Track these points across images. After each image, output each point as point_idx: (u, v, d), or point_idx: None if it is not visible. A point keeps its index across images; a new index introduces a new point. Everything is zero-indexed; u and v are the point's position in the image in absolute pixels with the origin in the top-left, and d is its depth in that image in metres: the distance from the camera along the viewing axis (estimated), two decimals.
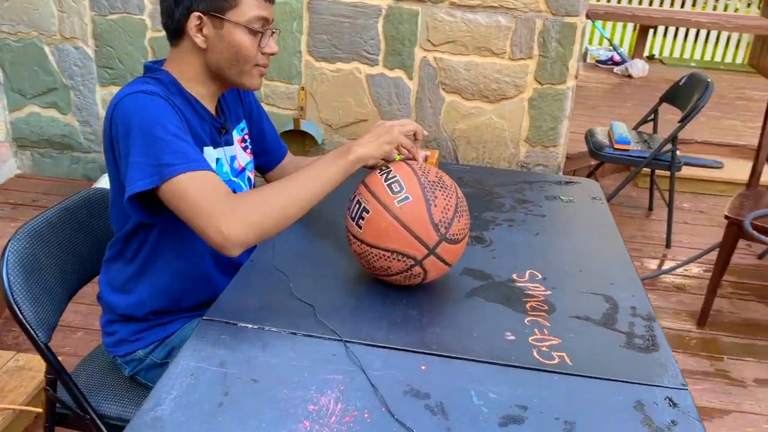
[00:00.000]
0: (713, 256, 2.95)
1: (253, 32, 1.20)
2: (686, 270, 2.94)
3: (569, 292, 1.24)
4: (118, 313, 1.32)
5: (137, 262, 1.28)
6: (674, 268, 2.92)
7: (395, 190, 1.13)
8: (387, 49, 3.05)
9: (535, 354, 1.05)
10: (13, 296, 1.21)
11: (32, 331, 1.22)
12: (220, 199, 1.08)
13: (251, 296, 1.16)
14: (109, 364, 1.43)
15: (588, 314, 1.17)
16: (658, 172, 3.43)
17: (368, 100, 3.14)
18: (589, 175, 3.69)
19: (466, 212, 1.19)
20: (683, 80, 3.21)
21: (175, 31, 1.22)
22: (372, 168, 1.21)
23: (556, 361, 1.04)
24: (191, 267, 1.29)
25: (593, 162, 3.78)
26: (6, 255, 1.23)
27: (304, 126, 3.15)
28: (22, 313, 1.21)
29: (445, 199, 1.14)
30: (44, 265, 1.30)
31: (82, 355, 2.12)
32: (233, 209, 1.07)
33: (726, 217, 2.38)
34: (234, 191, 1.34)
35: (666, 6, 7.55)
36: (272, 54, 1.25)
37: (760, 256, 3.10)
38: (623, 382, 1.00)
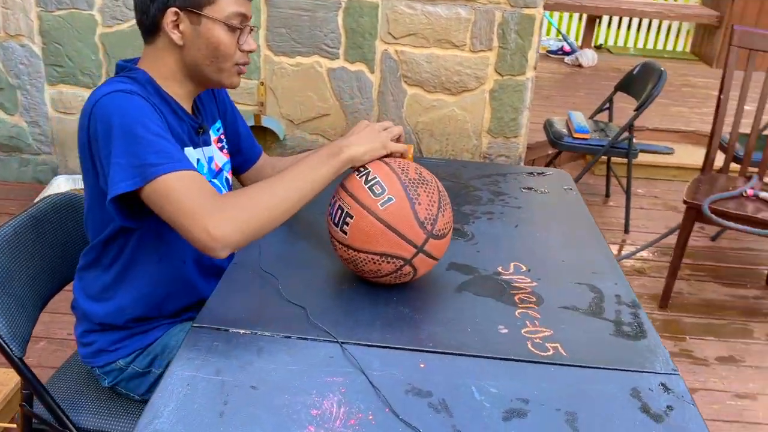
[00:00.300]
0: (668, 240, 3.05)
1: (231, 29, 1.17)
2: (644, 255, 3.03)
3: (555, 283, 1.26)
4: (96, 321, 1.27)
5: (116, 268, 1.23)
6: (640, 250, 3.00)
7: (377, 192, 1.11)
8: (347, 43, 3.03)
9: (529, 346, 1.06)
10: None
11: (5, 345, 1.17)
12: (207, 198, 1.05)
13: (240, 300, 1.14)
14: (86, 375, 1.38)
15: (575, 304, 1.19)
16: (612, 158, 3.51)
17: (330, 94, 3.11)
18: (548, 164, 3.76)
19: (449, 204, 1.18)
20: (636, 69, 3.29)
21: (151, 28, 1.18)
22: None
23: (550, 352, 1.05)
24: (173, 271, 1.25)
25: (551, 151, 3.85)
26: None
27: (265, 122, 3.10)
28: None
29: (428, 195, 1.13)
30: (14, 275, 1.24)
31: (47, 365, 2.06)
32: (221, 209, 1.04)
33: (685, 201, 2.46)
34: None
35: None
36: (250, 51, 1.22)
37: (713, 238, 3.22)
38: (617, 370, 1.02)
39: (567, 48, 6.14)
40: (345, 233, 1.13)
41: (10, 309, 1.19)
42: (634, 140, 3.17)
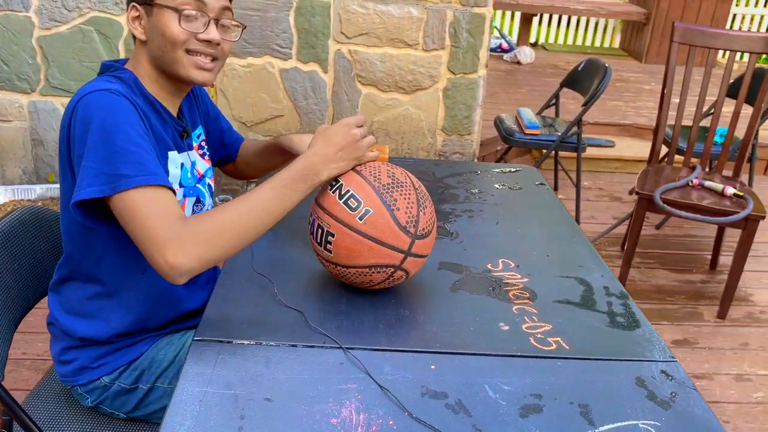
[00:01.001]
0: (615, 230, 3.16)
1: (179, 13, 1.11)
2: (596, 245, 3.14)
3: (544, 278, 1.28)
4: (77, 337, 1.21)
5: (98, 280, 1.18)
6: (596, 239, 3.10)
7: (353, 206, 1.09)
8: (300, 43, 2.99)
9: (532, 341, 1.08)
10: None
11: None
12: (171, 223, 0.99)
13: (238, 310, 1.11)
14: (63, 396, 1.31)
15: (568, 298, 1.22)
16: (559, 153, 3.62)
17: (283, 95, 3.07)
18: (498, 160, 3.83)
19: (428, 200, 1.16)
20: (581, 66, 3.39)
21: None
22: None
23: (553, 347, 1.07)
24: (159, 283, 1.20)
25: (500, 147, 3.93)
26: None
27: None
28: None
29: (405, 198, 1.11)
30: None
31: (9, 387, 1.94)
32: (181, 237, 0.98)
33: (636, 192, 2.55)
34: (198, 198, 1.27)
35: None
36: (209, 41, 1.14)
37: (658, 227, 3.36)
38: (619, 360, 1.05)
39: (505, 46, 6.28)
40: (330, 252, 1.11)
41: None
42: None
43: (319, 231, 1.12)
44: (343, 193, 1.10)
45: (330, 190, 1.12)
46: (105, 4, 2.87)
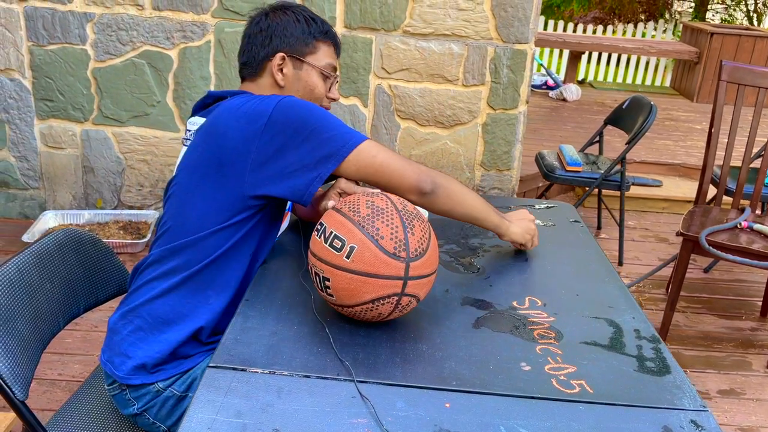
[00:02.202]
0: (660, 273, 3.06)
1: (325, 76, 1.38)
2: (639, 287, 3.04)
3: (572, 318, 1.24)
4: (161, 320, 1.24)
5: (204, 279, 1.25)
6: (638, 281, 3.00)
7: (337, 247, 1.08)
8: (341, 78, 3.04)
9: (554, 383, 1.04)
10: None
11: (7, 388, 1.12)
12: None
13: (255, 339, 1.10)
14: (88, 417, 1.33)
15: (595, 339, 1.17)
16: (603, 191, 3.55)
17: None
18: (539, 197, 3.78)
19: (416, 218, 1.13)
20: (626, 103, 3.34)
21: (257, 68, 1.37)
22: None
23: (576, 389, 1.03)
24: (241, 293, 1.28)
25: (541, 184, 3.88)
26: None
27: None
28: None
29: (387, 225, 1.09)
30: (17, 315, 1.20)
31: (42, 407, 1.98)
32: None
33: (681, 233, 2.47)
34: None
35: (589, 33, 7.92)
36: (334, 100, 1.42)
37: (706, 270, 3.24)
38: (646, 407, 1.00)
39: (551, 83, 6.25)
40: (331, 296, 1.12)
41: (12, 350, 1.15)
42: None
43: (317, 278, 1.12)
44: (327, 235, 1.10)
45: (317, 235, 1.13)
46: (157, 38, 2.99)
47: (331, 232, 1.10)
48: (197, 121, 1.38)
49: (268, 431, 0.89)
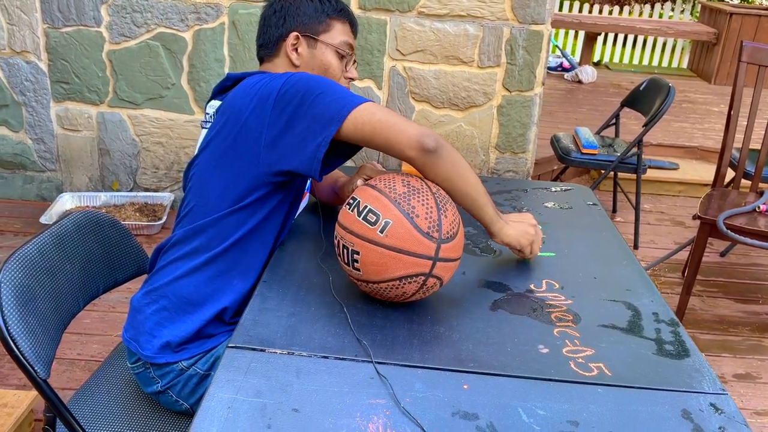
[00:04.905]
0: (676, 256, 3.04)
1: (340, 55, 1.36)
2: (654, 271, 3.02)
3: (590, 301, 1.24)
4: (185, 300, 1.25)
5: (227, 258, 1.26)
6: (654, 264, 2.99)
7: (372, 220, 1.08)
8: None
9: (572, 366, 1.04)
10: (8, 330, 1.12)
11: (30, 367, 1.13)
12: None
13: (273, 320, 1.11)
14: (108, 396, 1.34)
15: (613, 322, 1.17)
16: (619, 174, 3.52)
17: None
18: (554, 180, 3.76)
19: (449, 202, 1.15)
20: (643, 85, 3.30)
21: (273, 48, 1.37)
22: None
23: (594, 372, 1.03)
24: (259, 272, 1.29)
25: (556, 167, 3.85)
26: None
27: None
28: (18, 348, 1.12)
29: (423, 204, 1.10)
30: (38, 295, 1.21)
31: (62, 386, 2.01)
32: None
33: (699, 217, 2.45)
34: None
35: (605, 14, 7.81)
36: (352, 79, 1.40)
37: (723, 254, 3.21)
38: (665, 390, 1.00)
39: (566, 64, 6.18)
40: (358, 270, 1.11)
41: (34, 329, 1.16)
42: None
43: (345, 251, 1.12)
44: (361, 209, 1.10)
45: (348, 209, 1.13)
46: (171, 20, 2.98)
47: (366, 206, 1.10)
48: (216, 104, 1.38)
49: (287, 411, 0.90)
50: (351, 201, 1.14)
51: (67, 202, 3.14)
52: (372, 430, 0.88)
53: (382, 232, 1.07)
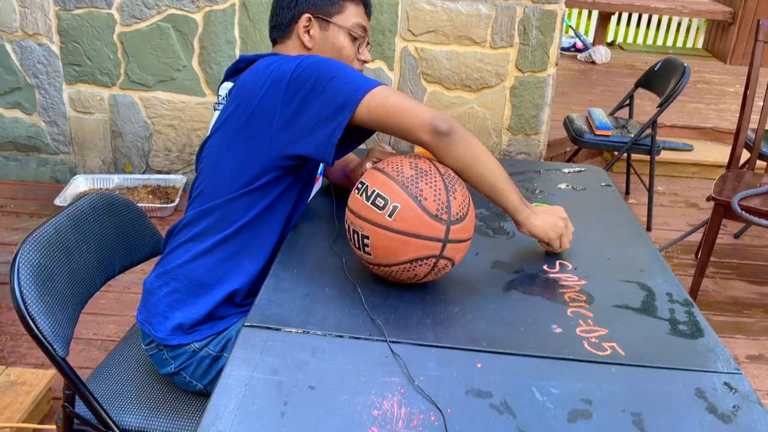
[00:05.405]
0: (689, 238, 3.02)
1: (353, 37, 1.35)
2: (668, 253, 3.01)
3: (603, 281, 1.24)
4: (197, 283, 1.26)
5: (237, 240, 1.26)
6: (667, 246, 2.97)
7: (380, 205, 1.09)
8: None
9: (586, 346, 1.04)
10: (27, 309, 1.14)
11: (49, 346, 1.15)
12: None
13: (288, 299, 1.12)
14: (126, 375, 1.37)
15: (627, 303, 1.17)
16: (632, 155, 3.49)
17: None
18: (567, 161, 3.73)
19: (458, 183, 1.14)
20: (658, 65, 3.26)
21: (285, 30, 1.36)
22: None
23: (608, 352, 1.03)
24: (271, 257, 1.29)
25: (569, 148, 3.83)
26: (17, 265, 1.15)
27: None
28: (37, 327, 1.14)
29: (431, 187, 1.09)
30: (56, 275, 1.23)
31: (79, 365, 2.04)
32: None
33: (713, 198, 2.43)
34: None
35: None
36: (365, 62, 1.39)
37: (737, 236, 3.19)
38: (679, 369, 1.00)
39: (579, 45, 6.11)
40: (369, 254, 1.12)
41: (52, 309, 1.18)
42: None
43: (355, 236, 1.13)
44: (369, 194, 1.11)
45: (357, 193, 1.13)
46: (182, 2, 2.97)
47: (374, 191, 1.10)
48: (228, 86, 1.38)
49: (303, 388, 0.91)
50: (359, 185, 1.14)
51: (80, 184, 3.16)
52: (387, 407, 0.89)
53: (390, 216, 1.08)
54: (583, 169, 1.82)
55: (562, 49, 6.18)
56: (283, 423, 0.85)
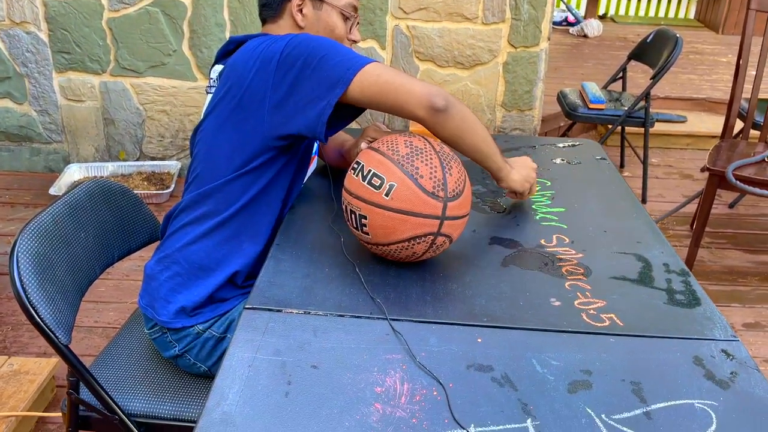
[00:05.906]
0: (684, 209, 3.04)
1: (345, 17, 1.35)
2: (663, 224, 3.02)
3: (600, 254, 1.25)
4: (198, 266, 1.26)
5: (235, 222, 1.27)
6: (664, 217, 2.99)
7: (377, 184, 1.09)
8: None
9: (584, 317, 1.05)
10: (27, 297, 1.14)
11: (51, 333, 1.16)
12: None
13: (288, 281, 1.13)
14: (128, 361, 1.37)
15: (624, 274, 1.18)
16: (626, 128, 3.49)
17: None
18: (561, 136, 3.73)
19: (454, 159, 1.15)
20: (650, 37, 3.25)
21: (277, 9, 1.34)
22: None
23: (606, 323, 1.04)
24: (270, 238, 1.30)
25: (563, 123, 3.82)
26: (16, 255, 1.15)
27: None
28: (39, 315, 1.14)
29: (426, 164, 1.10)
30: (55, 263, 1.23)
31: (80, 353, 2.05)
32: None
33: (708, 169, 2.44)
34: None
35: None
36: (355, 41, 1.39)
37: (731, 205, 3.21)
38: (677, 338, 1.01)
39: (571, 18, 6.08)
40: (367, 234, 1.13)
41: (53, 297, 1.18)
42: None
43: (353, 216, 1.13)
44: (365, 173, 1.11)
45: (353, 173, 1.13)
46: None
47: (370, 170, 1.10)
48: (219, 69, 1.37)
49: (306, 368, 0.92)
50: (355, 165, 1.14)
51: (75, 173, 3.15)
52: (390, 384, 0.90)
53: (387, 195, 1.08)
54: (577, 143, 1.83)
55: (554, 23, 6.14)
56: (287, 402, 0.86)
